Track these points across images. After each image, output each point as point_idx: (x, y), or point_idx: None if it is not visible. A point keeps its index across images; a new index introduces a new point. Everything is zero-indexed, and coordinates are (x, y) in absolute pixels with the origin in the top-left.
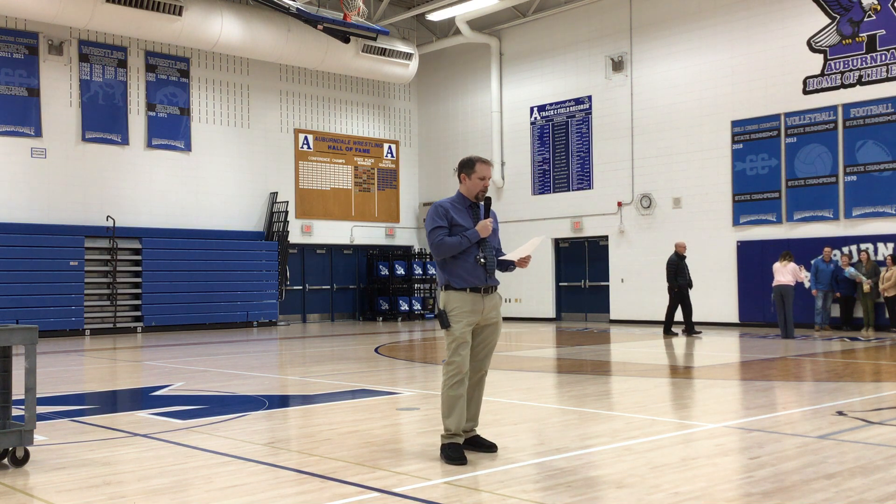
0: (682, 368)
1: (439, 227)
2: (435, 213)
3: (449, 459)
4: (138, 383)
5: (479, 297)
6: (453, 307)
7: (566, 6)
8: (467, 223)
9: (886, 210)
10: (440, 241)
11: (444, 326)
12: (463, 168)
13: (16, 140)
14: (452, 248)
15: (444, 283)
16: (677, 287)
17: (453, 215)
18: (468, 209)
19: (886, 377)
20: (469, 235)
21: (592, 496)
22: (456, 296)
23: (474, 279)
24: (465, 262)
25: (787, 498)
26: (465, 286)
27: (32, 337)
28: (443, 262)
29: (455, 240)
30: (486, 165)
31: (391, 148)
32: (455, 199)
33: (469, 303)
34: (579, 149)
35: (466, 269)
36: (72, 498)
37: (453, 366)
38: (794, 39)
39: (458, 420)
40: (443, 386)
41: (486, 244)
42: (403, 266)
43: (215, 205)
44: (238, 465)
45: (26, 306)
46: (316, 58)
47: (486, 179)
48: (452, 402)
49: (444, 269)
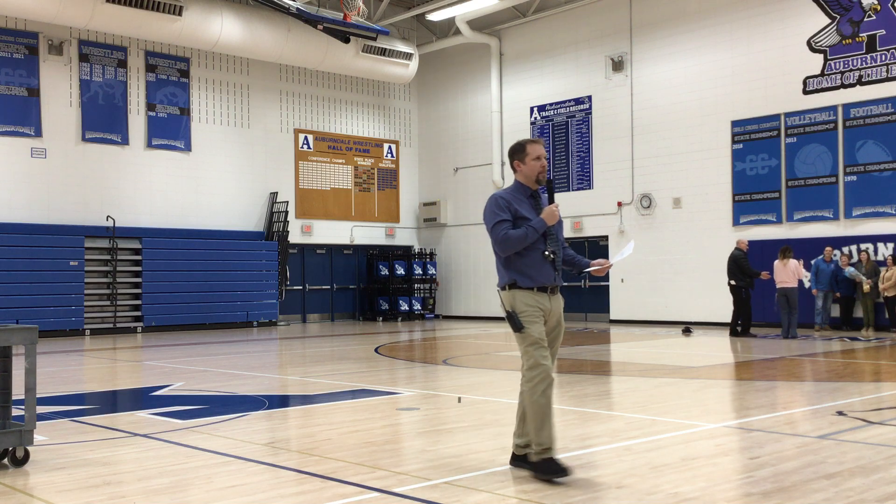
0: (683, 368)
1: (503, 221)
2: (495, 205)
3: (551, 474)
4: (138, 383)
5: (545, 296)
6: (523, 307)
7: (566, 6)
8: (531, 214)
9: (886, 210)
10: (505, 236)
11: (518, 329)
12: (514, 155)
13: (16, 140)
14: (519, 243)
15: (509, 281)
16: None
17: (516, 207)
18: (529, 199)
19: (886, 377)
20: (535, 226)
21: (592, 496)
22: (523, 295)
23: (543, 277)
24: (532, 258)
25: (787, 498)
26: (532, 285)
27: (32, 337)
28: (508, 259)
29: (521, 232)
30: (536, 144)
31: (391, 148)
32: (512, 189)
33: (537, 301)
34: (579, 149)
35: (534, 266)
36: (72, 498)
37: (538, 370)
38: (794, 39)
39: (552, 431)
40: (528, 395)
41: (552, 236)
42: (403, 266)
43: (215, 205)
44: (238, 465)
45: (26, 306)
46: (316, 58)
47: (543, 158)
48: (544, 412)
49: (508, 267)
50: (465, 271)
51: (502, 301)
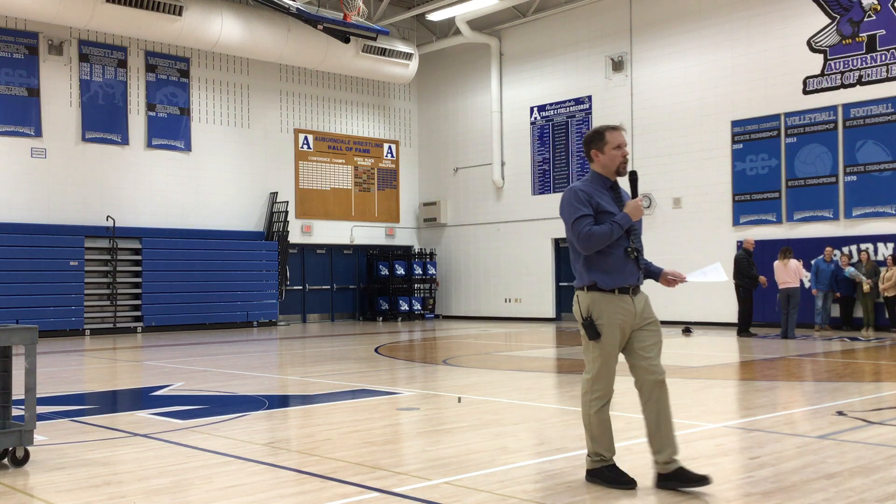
0: (683, 368)
1: (585, 216)
2: (575, 198)
3: (613, 483)
4: (138, 383)
5: (628, 298)
6: (601, 312)
7: (566, 6)
8: (613, 208)
9: (886, 210)
10: (590, 232)
11: (593, 338)
12: (592, 143)
13: (16, 140)
14: (603, 239)
15: (588, 283)
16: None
17: (597, 200)
18: (608, 191)
19: (886, 377)
20: (620, 221)
21: (592, 496)
22: (602, 299)
23: (626, 276)
24: (615, 256)
25: (787, 498)
26: (614, 286)
27: (32, 337)
28: (588, 258)
29: (606, 228)
30: (617, 131)
31: (391, 148)
32: (591, 181)
33: (619, 306)
34: (579, 149)
35: (616, 265)
36: (72, 498)
37: (600, 385)
38: (794, 39)
39: (611, 441)
40: (584, 408)
41: (635, 232)
42: (403, 266)
43: (215, 205)
44: (238, 465)
45: (26, 306)
46: (316, 58)
47: (624, 147)
48: (601, 427)
49: (588, 267)
50: (465, 271)
51: (578, 304)
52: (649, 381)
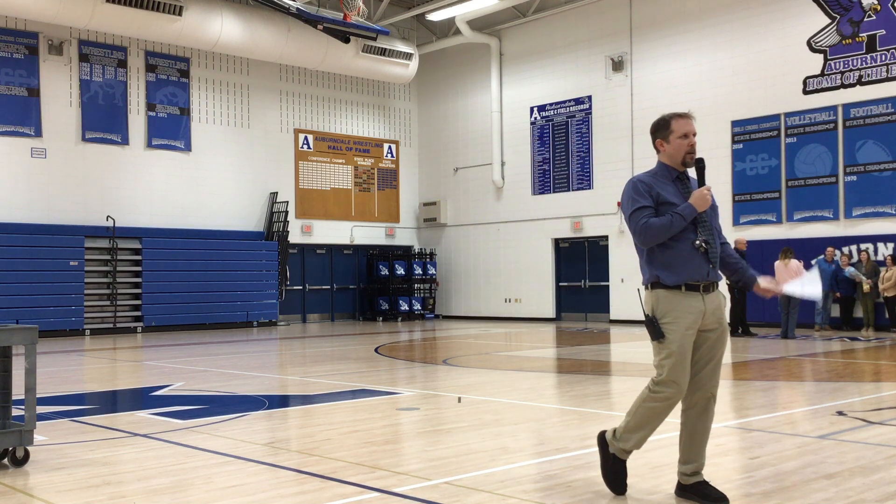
0: None
1: (643, 208)
2: (633, 190)
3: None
4: (138, 383)
5: (697, 296)
6: (665, 311)
7: (566, 6)
8: (677, 199)
9: (886, 210)
10: (646, 224)
11: (657, 338)
12: (657, 132)
13: (16, 140)
14: (662, 231)
15: (651, 279)
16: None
17: (658, 191)
18: (674, 182)
19: (886, 377)
20: (682, 212)
21: (592, 496)
22: (667, 296)
23: (692, 271)
24: (679, 250)
25: (787, 498)
26: (679, 282)
27: (32, 337)
28: (650, 252)
29: (665, 220)
30: (684, 119)
31: (391, 148)
32: (656, 172)
33: (686, 304)
34: (579, 149)
35: (681, 260)
36: (72, 498)
37: (668, 389)
38: (794, 39)
39: (642, 441)
40: (643, 400)
41: (704, 223)
42: (403, 266)
43: (215, 205)
44: (238, 465)
45: (26, 306)
46: (316, 58)
47: (692, 136)
48: (649, 419)
49: (651, 262)
50: (465, 271)
51: (642, 303)
52: (697, 402)
